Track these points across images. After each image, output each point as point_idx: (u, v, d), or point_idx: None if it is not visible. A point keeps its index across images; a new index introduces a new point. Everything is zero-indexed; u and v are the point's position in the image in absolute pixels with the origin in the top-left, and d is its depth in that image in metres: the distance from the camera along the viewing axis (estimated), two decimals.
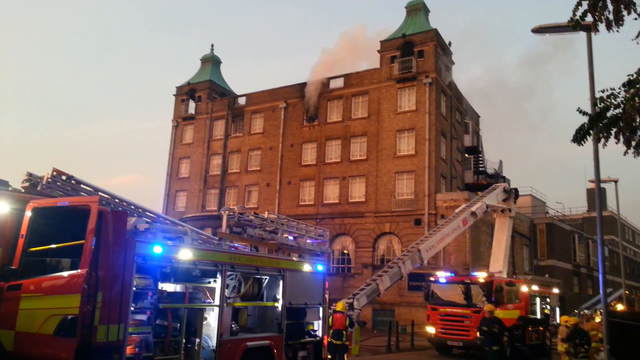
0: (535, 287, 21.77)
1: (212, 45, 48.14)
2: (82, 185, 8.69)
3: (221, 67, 48.58)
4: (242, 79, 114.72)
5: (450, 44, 37.01)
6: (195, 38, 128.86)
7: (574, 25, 6.53)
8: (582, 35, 11.63)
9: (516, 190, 25.29)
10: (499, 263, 22.69)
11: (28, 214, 6.63)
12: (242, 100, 42.89)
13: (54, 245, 6.67)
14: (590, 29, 9.79)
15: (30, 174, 8.34)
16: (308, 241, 14.19)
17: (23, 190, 8.16)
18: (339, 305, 14.10)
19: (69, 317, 6.08)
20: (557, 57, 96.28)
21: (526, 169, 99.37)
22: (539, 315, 21.50)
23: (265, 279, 10.86)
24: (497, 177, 40.17)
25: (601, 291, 12.43)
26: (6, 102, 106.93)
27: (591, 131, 7.33)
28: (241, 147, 41.14)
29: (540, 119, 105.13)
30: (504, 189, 24.50)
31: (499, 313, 18.48)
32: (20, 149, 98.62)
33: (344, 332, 13.85)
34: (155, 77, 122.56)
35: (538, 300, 21.86)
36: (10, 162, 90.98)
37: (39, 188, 8.15)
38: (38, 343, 6.14)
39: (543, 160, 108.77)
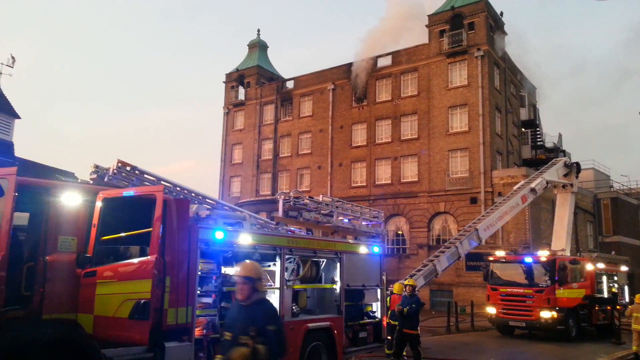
0: (601, 265, 20.99)
1: (259, 30, 48.49)
2: (145, 175, 9.04)
3: (268, 51, 48.88)
4: (289, 62, 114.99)
5: (502, 13, 35.60)
6: (242, 23, 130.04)
7: None
8: None
9: (578, 164, 24.24)
10: (561, 241, 21.93)
11: (98, 204, 6.93)
12: (290, 84, 43.07)
13: (123, 234, 6.95)
14: None
15: (97, 166, 8.75)
16: (363, 223, 14.20)
17: (91, 181, 8.57)
18: (396, 287, 14.06)
19: (142, 301, 6.33)
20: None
21: (588, 141, 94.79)
22: (606, 294, 20.73)
23: (323, 261, 10.96)
24: (557, 151, 38.65)
25: None
26: (61, 96, 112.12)
27: None
28: (291, 131, 41.43)
29: (597, 88, 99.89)
30: (564, 164, 23.53)
31: (564, 292, 18.06)
32: (78, 140, 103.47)
33: None
34: (204, 64, 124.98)
35: (604, 278, 21.09)
36: (71, 154, 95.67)
37: (105, 179, 8.55)
38: (114, 326, 6.42)
39: (606, 131, 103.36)
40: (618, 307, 19.93)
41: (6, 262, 5.87)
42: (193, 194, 9.91)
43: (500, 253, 20.20)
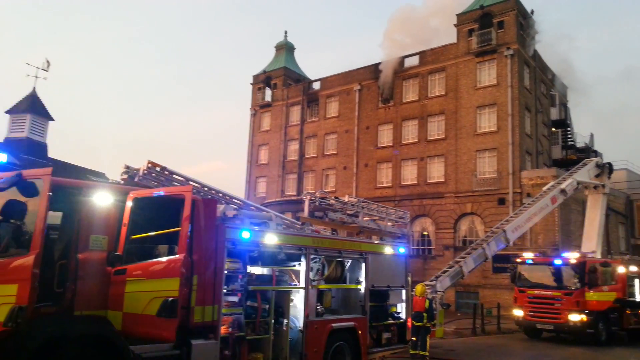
0: (633, 268, 20.42)
1: (286, 32, 48.79)
2: (174, 175, 9.23)
3: (295, 53, 49.13)
4: (316, 63, 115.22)
5: (532, 12, 34.97)
6: (270, 25, 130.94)
7: None
8: None
9: (610, 164, 23.71)
10: (592, 242, 21.48)
11: (129, 204, 7.11)
12: (316, 85, 43.18)
13: (152, 233, 7.12)
14: None
15: (127, 167, 8.99)
16: (388, 224, 14.19)
17: (122, 182, 8.81)
18: (418, 290, 13.99)
19: (170, 299, 6.49)
20: None
21: (621, 140, 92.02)
22: (638, 298, 20.18)
23: (348, 262, 11.01)
24: (588, 151, 37.74)
25: None
26: (93, 98, 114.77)
27: None
28: (317, 132, 41.54)
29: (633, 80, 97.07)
30: (596, 164, 23.04)
31: (594, 295, 17.68)
32: (110, 142, 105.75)
33: (424, 314, 13.79)
34: (231, 65, 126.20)
35: (637, 281, 20.49)
36: (103, 155, 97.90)
37: (136, 179, 8.78)
38: (143, 323, 6.58)
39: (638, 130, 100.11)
40: None
41: (40, 259, 6.08)
42: (220, 194, 10.08)
43: (528, 255, 19.88)
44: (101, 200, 6.96)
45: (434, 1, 40.38)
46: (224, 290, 7.86)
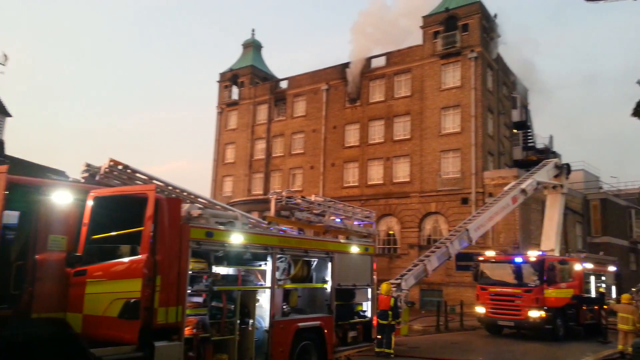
0: (589, 265, 21.19)
1: (253, 30, 48.47)
2: (137, 174, 9.03)
3: (263, 52, 48.87)
4: (283, 63, 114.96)
5: (496, 15, 35.77)
6: (237, 23, 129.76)
7: None
8: None
9: (568, 165, 24.52)
10: (550, 241, 22.15)
11: (89, 203, 6.92)
12: (284, 84, 43.06)
13: (114, 233, 6.96)
14: None
15: (88, 165, 8.73)
16: (355, 223, 14.24)
17: (83, 180, 8.56)
18: (383, 289, 14.20)
19: (132, 300, 6.35)
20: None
21: (578, 142, 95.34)
22: (593, 294, 20.95)
23: (314, 261, 11.01)
24: (548, 152, 38.88)
25: None
26: (57, 95, 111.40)
27: None
28: (284, 131, 41.43)
29: (591, 88, 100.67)
30: (555, 165, 23.76)
31: (552, 292, 18.24)
32: (72, 140, 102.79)
33: (389, 312, 14.01)
34: (199, 64, 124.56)
35: (592, 278, 21.30)
36: (66, 152, 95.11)
37: (97, 178, 8.54)
38: (104, 325, 6.43)
39: (597, 133, 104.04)
40: (605, 306, 20.14)
41: None
42: (185, 193, 9.92)
43: (490, 253, 20.35)
44: (60, 199, 6.76)
45: (405, 2, 40.83)
46: (189, 291, 7.74)
